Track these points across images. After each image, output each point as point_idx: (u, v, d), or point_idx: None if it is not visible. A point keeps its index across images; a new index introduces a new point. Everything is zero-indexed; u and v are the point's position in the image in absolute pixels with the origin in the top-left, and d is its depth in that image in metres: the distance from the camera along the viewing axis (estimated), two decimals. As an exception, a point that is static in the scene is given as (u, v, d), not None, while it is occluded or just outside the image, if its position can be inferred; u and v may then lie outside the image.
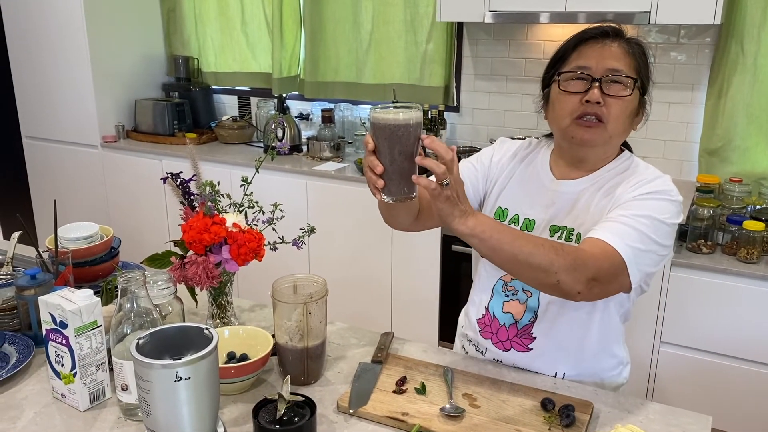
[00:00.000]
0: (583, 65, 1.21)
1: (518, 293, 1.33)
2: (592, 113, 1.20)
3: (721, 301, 2.23)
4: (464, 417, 1.12)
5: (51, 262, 1.42)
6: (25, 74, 3.67)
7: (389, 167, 1.04)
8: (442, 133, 3.09)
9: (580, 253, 1.11)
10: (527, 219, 1.33)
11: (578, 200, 1.29)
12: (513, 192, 1.36)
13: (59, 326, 1.11)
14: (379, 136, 1.04)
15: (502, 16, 2.60)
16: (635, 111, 1.25)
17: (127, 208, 3.52)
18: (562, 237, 1.28)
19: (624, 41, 1.23)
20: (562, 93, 1.24)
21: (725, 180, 2.56)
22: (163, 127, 3.50)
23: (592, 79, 1.20)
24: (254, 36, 3.60)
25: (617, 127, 1.22)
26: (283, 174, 3.02)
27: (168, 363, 0.92)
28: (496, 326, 1.37)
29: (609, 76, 1.19)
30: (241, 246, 1.29)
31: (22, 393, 1.20)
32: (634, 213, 1.17)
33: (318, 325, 1.21)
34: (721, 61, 2.56)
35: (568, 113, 1.23)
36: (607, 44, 1.22)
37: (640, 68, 1.23)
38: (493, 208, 1.37)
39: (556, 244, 1.12)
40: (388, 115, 1.02)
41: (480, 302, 1.40)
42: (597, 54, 1.21)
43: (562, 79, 1.24)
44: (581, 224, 1.26)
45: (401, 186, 1.06)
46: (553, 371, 1.33)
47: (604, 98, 1.20)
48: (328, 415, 1.14)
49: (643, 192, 1.20)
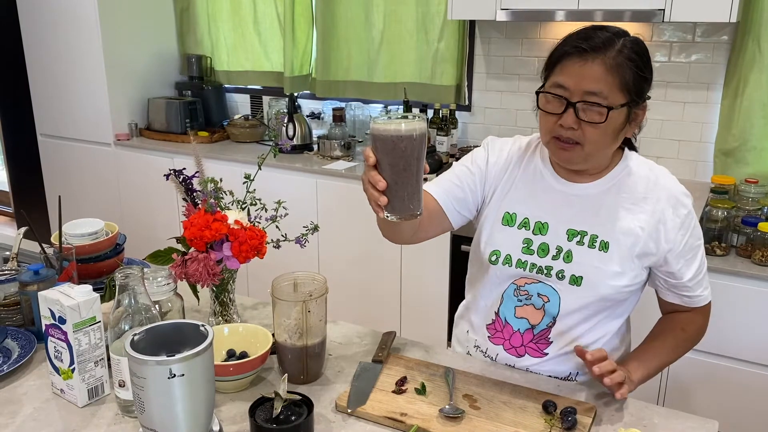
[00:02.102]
0: (562, 84, 1.17)
1: (533, 298, 1.30)
2: (565, 138, 1.18)
3: (735, 304, 2.19)
4: (463, 418, 1.10)
5: (55, 257, 1.42)
6: (40, 73, 3.70)
7: (392, 183, 0.98)
8: (454, 132, 3.07)
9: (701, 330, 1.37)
10: (539, 222, 1.29)
11: (600, 206, 1.27)
12: (518, 195, 1.32)
13: (58, 322, 1.11)
14: (380, 150, 0.98)
15: (515, 14, 2.57)
16: (620, 126, 1.19)
17: (139, 205, 3.54)
18: (584, 241, 1.26)
19: (609, 55, 1.14)
20: (541, 111, 1.22)
21: (741, 181, 2.51)
22: (175, 125, 3.51)
23: (567, 102, 1.16)
24: (266, 35, 3.61)
25: (596, 147, 1.19)
26: (294, 173, 3.02)
27: (162, 360, 0.92)
28: (509, 332, 1.33)
29: (584, 101, 1.15)
30: (242, 243, 1.28)
31: (22, 388, 1.21)
32: (700, 258, 1.30)
33: (317, 324, 1.20)
34: (737, 60, 2.51)
35: (547, 131, 1.22)
36: (588, 62, 1.14)
37: (626, 83, 1.15)
38: (498, 213, 1.33)
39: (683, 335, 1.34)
40: (389, 126, 0.96)
41: (488, 307, 1.36)
42: (576, 73, 1.15)
43: (541, 97, 1.21)
44: (607, 233, 1.25)
45: (406, 203, 1.00)
46: (567, 372, 1.32)
47: (579, 122, 1.16)
48: (326, 414, 1.13)
49: (692, 226, 1.27)
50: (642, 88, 1.18)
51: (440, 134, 3.03)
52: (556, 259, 1.27)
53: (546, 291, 1.29)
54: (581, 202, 1.27)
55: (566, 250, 1.26)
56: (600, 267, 1.24)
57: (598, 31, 1.17)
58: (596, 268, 1.24)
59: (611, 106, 1.14)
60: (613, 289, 1.25)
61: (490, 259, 1.32)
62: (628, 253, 1.24)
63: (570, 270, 1.26)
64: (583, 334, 1.29)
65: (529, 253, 1.28)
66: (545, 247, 1.27)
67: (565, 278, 1.26)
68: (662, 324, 1.37)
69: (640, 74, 1.16)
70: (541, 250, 1.28)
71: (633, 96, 1.17)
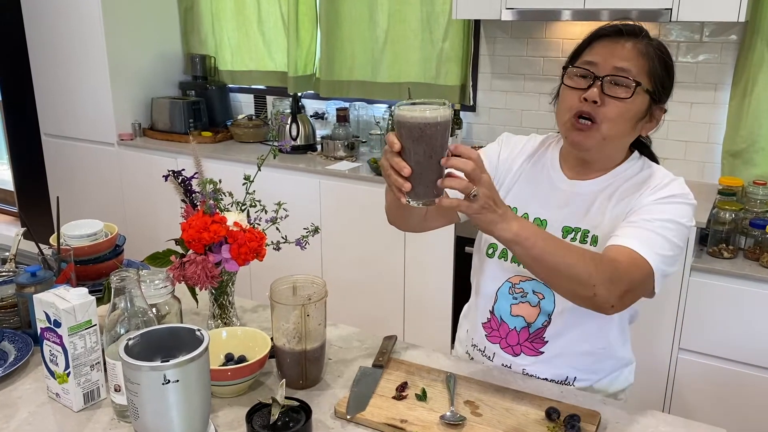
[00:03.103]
0: (591, 60, 1.19)
1: (528, 295, 1.29)
2: (587, 112, 1.17)
3: (742, 308, 2.16)
4: (465, 425, 1.08)
5: (53, 259, 1.41)
6: (44, 72, 3.70)
7: (417, 169, 0.98)
8: (458, 132, 3.04)
9: (617, 265, 1.09)
10: (538, 219, 1.29)
11: (593, 202, 1.26)
12: (522, 191, 1.32)
13: (53, 325, 1.10)
14: (405, 136, 0.97)
15: (520, 14, 2.55)
16: (640, 115, 1.20)
17: (142, 205, 3.53)
18: (576, 238, 1.25)
19: (642, 41, 1.18)
20: (565, 87, 1.22)
21: (749, 183, 2.48)
22: (179, 125, 3.50)
23: (594, 76, 1.17)
24: (270, 34, 3.59)
25: (613, 128, 1.18)
26: (297, 173, 3.00)
27: (156, 365, 0.90)
28: (504, 330, 1.32)
29: (613, 75, 1.16)
30: (241, 245, 1.26)
31: (18, 392, 1.19)
32: (657, 217, 1.15)
33: (317, 328, 1.18)
34: (745, 60, 2.48)
35: (567, 108, 1.21)
36: (620, 42, 1.18)
37: (654, 71, 1.18)
38: None
39: (595, 255, 1.10)
40: (415, 113, 0.96)
41: (484, 306, 1.36)
42: (607, 51, 1.17)
43: (567, 73, 1.22)
44: (596, 226, 1.24)
45: (429, 188, 0.99)
46: (564, 376, 1.30)
47: (603, 98, 1.16)
48: (325, 420, 1.11)
49: (664, 195, 1.19)
50: (665, 85, 1.20)
51: (449, 139, 3.00)
52: None
53: (541, 288, 1.28)
54: (579, 199, 1.27)
55: None
56: None
57: (629, 23, 1.20)
58: None
59: (639, 82, 1.15)
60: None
61: (487, 252, 1.33)
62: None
63: None
64: (579, 334, 1.27)
65: None
66: None
67: None
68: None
69: (666, 73, 1.19)
70: None
71: (657, 87, 1.18)
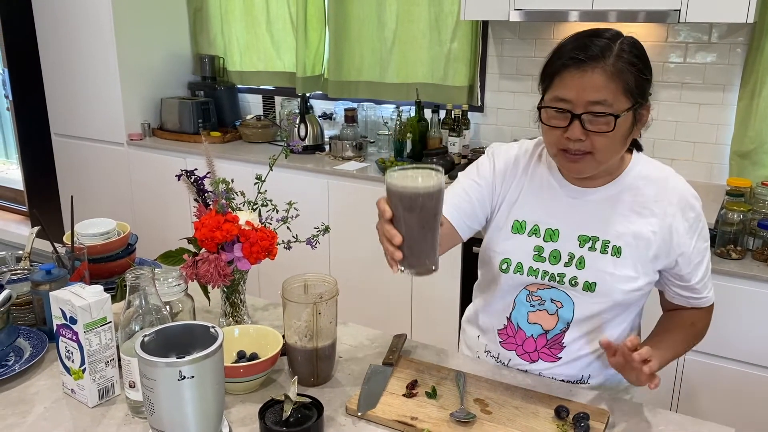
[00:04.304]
0: (563, 97, 1.14)
1: (545, 303, 1.29)
2: (575, 149, 1.15)
3: (750, 309, 2.16)
4: (474, 423, 1.09)
5: (67, 257, 1.43)
6: (55, 73, 3.73)
7: (409, 239, 0.95)
8: (466, 133, 3.05)
9: (707, 327, 1.34)
10: (549, 229, 1.27)
11: (609, 210, 1.25)
12: (527, 203, 1.30)
13: (69, 322, 1.11)
14: (397, 205, 0.94)
15: (528, 15, 2.56)
16: (629, 131, 1.17)
17: (151, 205, 3.56)
18: (596, 247, 1.24)
19: (608, 61, 1.10)
20: (545, 125, 1.18)
21: (757, 183, 2.48)
22: (188, 125, 3.52)
23: (572, 115, 1.13)
24: (279, 35, 3.61)
25: (606, 155, 1.16)
26: (305, 173, 3.02)
27: (172, 361, 0.91)
28: (521, 337, 1.32)
29: (590, 112, 1.12)
30: (253, 244, 1.28)
31: (34, 387, 1.21)
32: (703, 259, 1.27)
33: (328, 326, 1.19)
34: (754, 61, 2.48)
35: (553, 143, 1.18)
36: (587, 72, 1.11)
37: (629, 86, 1.12)
38: (507, 222, 1.31)
39: (692, 331, 1.32)
40: (406, 182, 0.92)
41: (500, 312, 1.35)
42: (577, 85, 1.12)
43: (543, 112, 1.18)
44: (619, 237, 1.23)
45: (422, 259, 0.97)
46: (579, 376, 1.32)
47: (586, 133, 1.13)
48: (337, 417, 1.13)
49: (700, 229, 1.25)
50: (644, 89, 1.16)
51: (452, 135, 3.02)
52: (568, 266, 1.25)
53: (559, 296, 1.27)
54: (591, 207, 1.26)
55: (578, 257, 1.25)
56: (614, 273, 1.23)
57: (593, 38, 1.13)
58: (610, 274, 1.23)
59: (617, 114, 1.11)
60: (627, 294, 1.24)
61: (501, 267, 1.30)
62: (641, 257, 1.23)
63: (583, 276, 1.24)
64: (597, 337, 1.28)
65: (541, 261, 1.27)
66: (557, 254, 1.26)
67: (578, 285, 1.25)
68: (672, 319, 1.35)
69: (642, 76, 1.14)
70: (553, 257, 1.26)
71: (637, 98, 1.14)
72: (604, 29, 1.16)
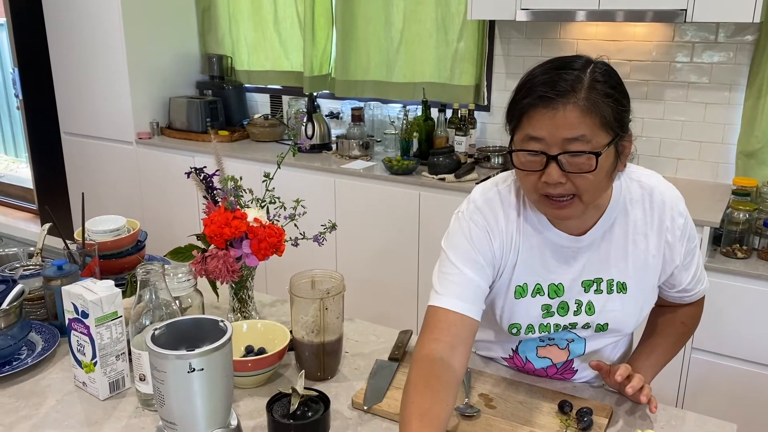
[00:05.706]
0: (535, 135, 1.02)
1: (556, 339, 1.26)
2: (557, 194, 1.05)
3: (756, 308, 2.16)
4: (479, 417, 1.10)
5: (78, 253, 1.45)
6: (65, 72, 3.76)
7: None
8: (472, 132, 3.07)
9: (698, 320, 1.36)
10: (552, 285, 1.20)
11: (605, 248, 1.18)
12: (525, 263, 1.19)
13: (81, 316, 1.13)
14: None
15: (535, 14, 2.57)
16: (613, 166, 1.06)
17: (159, 203, 3.59)
18: (601, 288, 1.19)
19: (580, 95, 1.00)
20: (519, 171, 1.08)
21: (763, 183, 2.48)
22: (196, 124, 3.55)
23: (547, 157, 1.02)
24: (286, 35, 3.63)
25: (594, 194, 1.06)
26: (312, 172, 3.04)
27: (182, 354, 0.93)
28: (530, 368, 1.30)
29: (567, 151, 1.01)
30: (261, 241, 1.30)
31: (46, 380, 1.23)
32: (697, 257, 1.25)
33: (335, 321, 1.21)
34: (761, 61, 2.48)
35: (531, 190, 1.08)
36: (559, 111, 0.99)
37: (607, 119, 1.01)
38: (509, 289, 1.21)
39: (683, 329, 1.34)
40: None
41: (505, 344, 1.31)
42: (549, 123, 1.00)
43: (514, 156, 1.07)
44: (621, 272, 1.19)
45: None
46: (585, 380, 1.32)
47: (566, 175, 1.03)
48: (343, 411, 1.14)
49: (689, 231, 1.21)
50: (623, 120, 1.05)
51: (459, 134, 3.03)
52: (578, 314, 1.21)
53: (570, 335, 1.26)
54: (587, 251, 1.18)
55: (586, 303, 1.20)
56: (623, 309, 1.20)
57: (560, 72, 1.02)
58: (620, 312, 1.21)
59: (598, 152, 1.01)
60: (638, 322, 1.24)
61: (511, 331, 1.23)
62: (646, 285, 1.21)
63: (595, 320, 1.21)
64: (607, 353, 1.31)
65: (550, 316, 1.22)
66: (564, 305, 1.21)
67: (590, 327, 1.23)
68: (661, 318, 1.34)
69: (620, 108, 1.03)
70: (561, 308, 1.21)
71: (616, 131, 1.03)
72: (573, 58, 1.05)
